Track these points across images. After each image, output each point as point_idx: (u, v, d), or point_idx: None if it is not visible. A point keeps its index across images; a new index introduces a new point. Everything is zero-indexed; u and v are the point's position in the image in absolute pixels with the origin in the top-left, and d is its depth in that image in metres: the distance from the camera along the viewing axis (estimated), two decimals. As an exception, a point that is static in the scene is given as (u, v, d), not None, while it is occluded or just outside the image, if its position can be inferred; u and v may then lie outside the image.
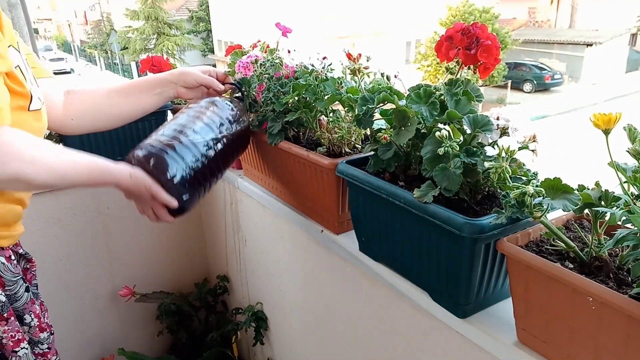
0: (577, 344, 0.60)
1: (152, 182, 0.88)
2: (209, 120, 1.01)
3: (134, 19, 19.84)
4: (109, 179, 0.85)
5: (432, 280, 0.81)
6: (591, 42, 17.03)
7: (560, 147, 9.85)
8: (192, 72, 1.13)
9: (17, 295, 0.90)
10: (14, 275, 0.89)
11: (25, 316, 0.92)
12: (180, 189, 0.91)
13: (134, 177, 0.86)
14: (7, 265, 0.88)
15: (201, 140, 0.96)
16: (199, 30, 22.70)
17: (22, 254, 0.97)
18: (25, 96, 0.82)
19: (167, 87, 1.13)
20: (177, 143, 0.93)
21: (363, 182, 0.85)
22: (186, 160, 0.92)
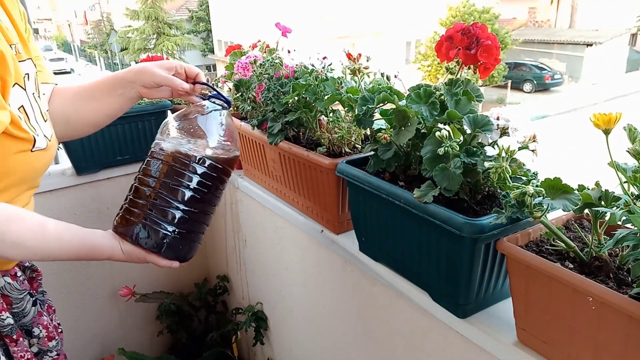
0: (577, 344, 0.60)
1: (145, 253, 0.86)
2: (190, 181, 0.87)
3: (134, 19, 19.83)
4: (100, 256, 0.84)
5: (432, 280, 0.81)
6: (591, 42, 17.03)
7: (560, 147, 9.85)
8: (150, 71, 0.97)
9: (25, 312, 0.90)
10: (20, 293, 0.89)
11: (34, 329, 0.93)
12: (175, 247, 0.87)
13: (127, 253, 0.86)
14: (13, 284, 0.88)
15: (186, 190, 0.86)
16: (199, 30, 22.70)
17: (28, 266, 0.97)
18: (27, 141, 0.78)
19: (127, 87, 0.99)
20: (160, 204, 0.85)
21: (363, 182, 0.85)
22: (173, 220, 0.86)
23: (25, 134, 0.77)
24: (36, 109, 0.83)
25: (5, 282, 0.87)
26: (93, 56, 27.81)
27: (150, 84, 0.98)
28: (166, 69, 0.97)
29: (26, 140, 0.78)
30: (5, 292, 0.87)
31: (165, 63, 0.99)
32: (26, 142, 0.78)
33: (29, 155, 0.80)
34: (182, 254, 0.90)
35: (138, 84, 0.98)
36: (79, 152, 1.53)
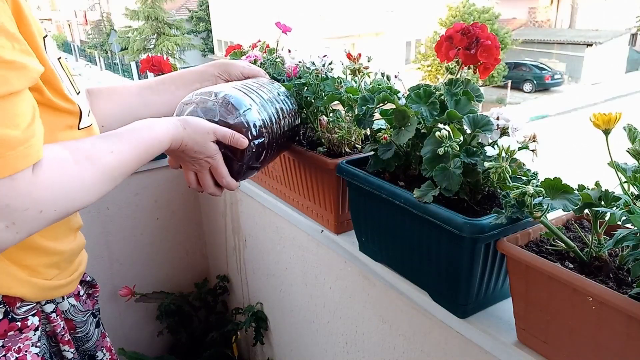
0: (577, 344, 0.60)
1: (213, 124, 0.76)
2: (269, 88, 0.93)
3: (134, 19, 19.84)
4: (162, 145, 0.71)
5: (432, 280, 0.81)
6: (591, 42, 17.04)
7: (560, 147, 9.85)
8: (237, 64, 1.00)
9: (88, 335, 0.83)
10: (83, 315, 0.82)
11: (97, 353, 0.86)
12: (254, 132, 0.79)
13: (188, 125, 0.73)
14: (77, 306, 0.80)
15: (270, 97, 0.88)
16: (199, 30, 22.71)
17: (88, 280, 0.87)
18: (73, 113, 0.67)
19: (207, 81, 0.99)
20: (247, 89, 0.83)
21: (363, 182, 0.85)
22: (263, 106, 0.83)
23: (71, 105, 0.66)
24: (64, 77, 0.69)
25: (69, 304, 0.79)
26: (93, 56, 27.81)
27: (237, 76, 1.00)
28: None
29: (71, 112, 0.67)
30: (69, 316, 0.79)
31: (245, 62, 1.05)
32: (72, 114, 0.67)
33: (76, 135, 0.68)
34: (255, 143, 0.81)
35: (222, 77, 1.00)
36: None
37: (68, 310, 0.79)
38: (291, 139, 1.03)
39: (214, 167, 0.80)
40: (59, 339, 0.76)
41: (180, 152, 0.76)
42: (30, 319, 0.71)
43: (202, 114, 0.81)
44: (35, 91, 0.60)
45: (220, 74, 0.99)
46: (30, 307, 0.71)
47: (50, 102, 0.63)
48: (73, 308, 0.80)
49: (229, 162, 0.82)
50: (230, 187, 0.83)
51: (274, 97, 0.92)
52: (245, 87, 0.88)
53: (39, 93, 0.61)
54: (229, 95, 0.80)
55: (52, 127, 0.63)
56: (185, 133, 0.74)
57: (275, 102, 0.91)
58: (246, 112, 0.80)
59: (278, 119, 0.89)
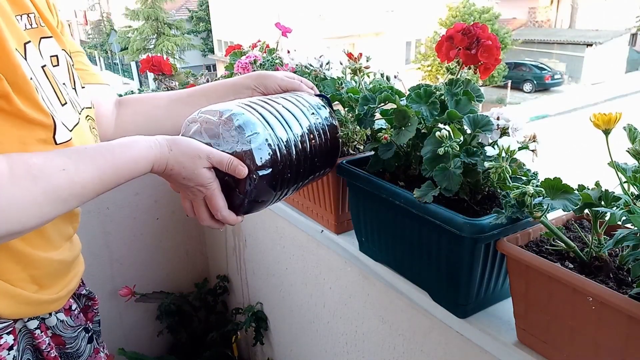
0: (577, 344, 0.60)
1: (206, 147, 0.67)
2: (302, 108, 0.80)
3: (134, 19, 19.84)
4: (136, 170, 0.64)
5: (432, 280, 0.81)
6: (591, 42, 17.04)
7: (560, 147, 9.85)
8: (274, 76, 0.92)
9: (79, 352, 0.79)
10: (74, 331, 0.78)
11: None
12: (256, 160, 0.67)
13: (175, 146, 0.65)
14: (67, 322, 0.76)
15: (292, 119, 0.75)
16: (199, 30, 22.70)
17: (84, 294, 0.84)
18: (44, 126, 0.60)
19: (242, 93, 0.91)
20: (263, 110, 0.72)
21: (363, 182, 0.85)
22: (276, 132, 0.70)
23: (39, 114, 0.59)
24: (47, 87, 0.64)
25: (57, 320, 0.74)
26: (93, 56, 27.81)
27: (274, 89, 0.92)
28: (286, 77, 0.93)
29: (42, 124, 0.60)
30: (58, 332, 0.74)
31: (286, 73, 0.96)
32: (45, 128, 0.60)
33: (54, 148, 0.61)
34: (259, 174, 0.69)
35: (258, 90, 0.92)
36: (79, 152, 1.53)
37: (56, 326, 0.74)
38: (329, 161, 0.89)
39: (208, 198, 0.70)
40: (44, 355, 0.71)
41: (167, 177, 0.68)
42: (5, 337, 0.65)
43: (206, 134, 0.71)
44: (2, 99, 0.56)
45: (257, 87, 0.91)
46: (5, 324, 0.65)
47: (20, 112, 0.57)
48: (62, 324, 0.75)
49: (230, 192, 0.71)
50: (227, 221, 0.72)
51: (301, 117, 0.79)
52: (265, 104, 0.77)
53: (7, 101, 0.56)
54: (235, 115, 0.69)
55: (22, 140, 0.58)
56: (171, 155, 0.65)
57: (301, 124, 0.78)
58: (252, 137, 0.68)
59: (301, 144, 0.76)
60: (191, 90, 0.94)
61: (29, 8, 0.68)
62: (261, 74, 0.92)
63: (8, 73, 0.56)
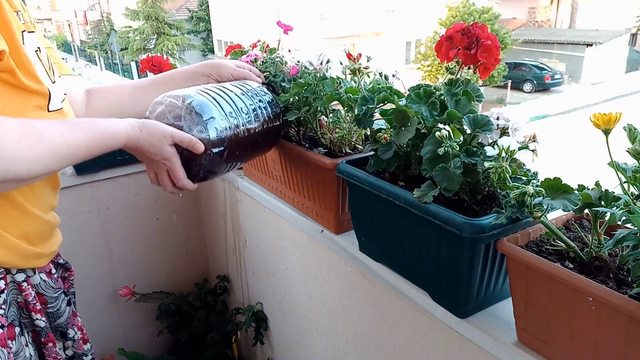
0: (577, 344, 0.60)
1: (170, 127, 0.78)
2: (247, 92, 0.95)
3: (134, 19, 19.84)
4: (115, 141, 0.75)
5: (432, 280, 0.81)
6: (591, 42, 17.04)
7: (560, 147, 9.85)
8: (227, 65, 1.03)
9: (60, 312, 0.86)
10: (55, 291, 0.85)
11: (69, 331, 0.89)
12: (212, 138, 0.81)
13: (145, 128, 0.77)
14: (48, 282, 0.84)
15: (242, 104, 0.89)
16: (199, 30, 22.70)
17: (62, 263, 0.92)
18: (42, 95, 0.73)
19: (199, 80, 1.02)
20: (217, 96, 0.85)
21: (363, 182, 0.85)
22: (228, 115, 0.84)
23: (39, 85, 0.71)
24: (39, 67, 0.76)
25: (40, 279, 0.83)
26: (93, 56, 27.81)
27: (227, 77, 1.04)
28: (237, 66, 1.06)
29: (41, 93, 0.72)
30: (40, 290, 0.83)
31: (237, 62, 1.08)
32: (41, 96, 0.72)
33: (46, 117, 0.73)
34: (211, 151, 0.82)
35: (213, 77, 1.03)
36: (79, 152, 1.53)
37: (39, 285, 0.82)
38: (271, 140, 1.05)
39: (170, 169, 0.82)
40: (30, 308, 0.79)
41: (137, 152, 0.80)
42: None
43: (170, 115, 0.84)
44: (8, 73, 0.68)
45: (211, 75, 1.02)
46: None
47: (22, 84, 0.69)
48: (44, 283, 0.83)
49: (189, 165, 0.84)
50: (185, 188, 0.85)
51: (250, 104, 0.94)
52: (220, 91, 0.89)
53: (12, 75, 0.68)
54: (195, 102, 0.82)
55: (23, 107, 0.70)
56: (141, 135, 0.77)
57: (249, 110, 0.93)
58: (208, 122, 0.82)
59: (248, 127, 0.91)
60: (152, 79, 1.04)
61: (17, 7, 0.79)
62: (216, 63, 1.04)
63: (13, 52, 0.68)
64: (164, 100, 0.85)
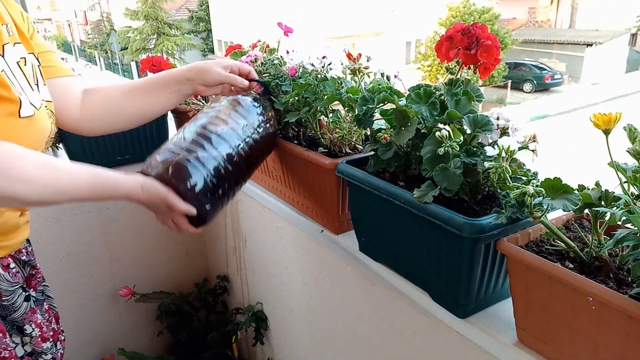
0: (577, 344, 0.60)
1: (167, 191, 0.83)
2: (234, 124, 0.94)
3: (134, 18, 19.83)
4: (117, 193, 0.81)
5: (432, 280, 0.81)
6: (591, 42, 17.03)
7: (560, 147, 9.85)
8: (212, 70, 1.03)
9: (15, 306, 0.87)
10: (11, 285, 0.86)
11: (26, 326, 0.89)
12: (201, 198, 0.85)
13: (145, 188, 0.82)
14: (4, 275, 0.85)
15: (225, 146, 0.90)
16: (199, 30, 22.69)
17: (26, 260, 0.93)
18: (12, 101, 0.76)
19: (185, 84, 1.04)
20: (200, 149, 0.87)
21: (363, 182, 0.85)
22: (208, 167, 0.86)
23: (9, 93, 0.75)
24: (20, 76, 0.81)
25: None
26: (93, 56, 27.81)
27: (212, 82, 1.04)
28: (224, 67, 1.04)
29: (12, 101, 0.76)
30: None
31: (222, 62, 1.06)
32: (12, 103, 0.76)
33: (17, 122, 0.77)
34: (206, 208, 0.87)
35: (198, 82, 1.04)
36: (79, 152, 1.53)
37: None
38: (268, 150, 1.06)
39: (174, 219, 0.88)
40: None
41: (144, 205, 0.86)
42: None
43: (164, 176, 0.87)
44: None
45: (196, 79, 1.03)
46: None
47: None
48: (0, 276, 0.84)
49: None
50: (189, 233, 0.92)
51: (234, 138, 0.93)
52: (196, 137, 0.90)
53: None
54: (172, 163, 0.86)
55: None
56: (142, 194, 0.84)
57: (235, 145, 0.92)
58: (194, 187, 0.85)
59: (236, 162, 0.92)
60: (143, 81, 1.06)
61: (6, 19, 0.84)
62: (200, 68, 1.04)
63: None
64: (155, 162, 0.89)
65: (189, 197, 0.84)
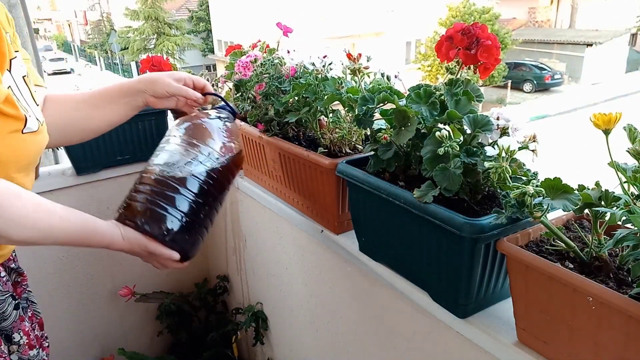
0: (577, 344, 0.60)
1: (146, 240, 0.83)
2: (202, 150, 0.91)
3: (134, 19, 19.84)
4: (100, 242, 0.82)
5: (432, 280, 0.81)
6: (591, 42, 17.02)
7: (560, 147, 9.85)
8: (162, 81, 0.99)
9: (5, 315, 0.86)
10: (2, 294, 0.85)
11: (14, 335, 0.88)
12: (180, 239, 0.86)
13: (126, 238, 0.83)
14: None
15: (195, 181, 0.87)
16: (199, 30, 22.69)
17: (14, 268, 0.93)
18: (18, 119, 0.76)
19: (136, 96, 1.00)
20: (169, 191, 0.85)
21: (363, 182, 0.85)
22: (181, 208, 0.85)
23: (16, 111, 0.76)
24: (25, 91, 0.82)
25: None
26: (93, 56, 27.82)
27: (162, 94, 0.99)
28: (176, 80, 1.00)
29: (17, 118, 0.76)
30: None
31: (175, 74, 1.01)
32: (18, 121, 0.76)
33: (20, 138, 0.77)
34: (187, 246, 0.88)
35: (148, 93, 1.00)
36: (79, 152, 1.53)
37: None
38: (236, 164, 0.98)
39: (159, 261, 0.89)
40: None
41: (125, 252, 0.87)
42: None
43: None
44: None
45: (147, 91, 1.00)
46: None
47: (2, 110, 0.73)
48: None
49: None
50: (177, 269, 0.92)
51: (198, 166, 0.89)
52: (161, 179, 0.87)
53: None
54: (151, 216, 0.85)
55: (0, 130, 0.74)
56: (123, 244, 0.84)
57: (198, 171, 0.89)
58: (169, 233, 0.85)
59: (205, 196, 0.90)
60: (94, 92, 1.03)
61: (7, 28, 0.82)
62: (151, 79, 1.00)
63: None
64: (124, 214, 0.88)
65: (168, 241, 0.85)
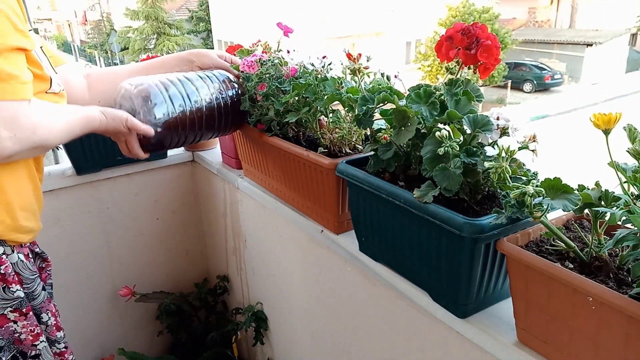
0: (577, 344, 0.60)
1: (128, 114, 0.97)
2: (209, 82, 1.11)
3: (134, 18, 19.84)
4: (93, 125, 0.93)
5: (432, 280, 0.81)
6: (591, 42, 17.02)
7: (560, 147, 9.85)
8: (210, 55, 1.20)
9: (35, 294, 0.90)
10: (32, 273, 0.89)
11: (42, 315, 0.92)
12: (157, 122, 1.01)
13: (106, 113, 0.95)
14: (26, 263, 0.88)
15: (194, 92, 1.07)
16: (199, 30, 22.69)
17: (39, 252, 0.97)
18: (44, 79, 0.86)
19: (186, 65, 1.19)
20: (170, 85, 1.03)
21: (363, 182, 0.85)
22: (174, 102, 1.03)
23: (42, 72, 0.85)
24: (44, 59, 0.90)
25: (18, 258, 0.87)
26: (93, 56, 27.79)
27: (208, 66, 1.20)
28: (219, 56, 1.22)
29: (43, 79, 0.86)
30: (18, 270, 0.87)
31: (218, 52, 1.24)
32: (44, 81, 0.86)
33: (45, 97, 0.87)
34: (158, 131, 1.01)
35: (197, 64, 1.20)
36: (79, 152, 1.53)
37: (16, 264, 0.87)
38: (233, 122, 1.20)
39: (127, 142, 1.02)
40: (10, 280, 0.84)
41: (104, 131, 0.98)
42: None
43: (129, 99, 1.04)
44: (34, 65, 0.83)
45: (196, 61, 1.20)
46: None
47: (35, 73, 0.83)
48: (22, 264, 0.88)
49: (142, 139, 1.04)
50: (138, 157, 1.05)
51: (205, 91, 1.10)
52: (176, 80, 1.07)
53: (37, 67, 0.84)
54: (145, 89, 1.02)
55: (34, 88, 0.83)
56: (106, 121, 0.96)
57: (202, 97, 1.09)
58: (154, 107, 1.01)
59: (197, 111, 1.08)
60: (146, 64, 1.21)
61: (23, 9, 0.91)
62: (200, 52, 1.22)
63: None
64: (125, 85, 1.05)
65: (148, 119, 1.00)
